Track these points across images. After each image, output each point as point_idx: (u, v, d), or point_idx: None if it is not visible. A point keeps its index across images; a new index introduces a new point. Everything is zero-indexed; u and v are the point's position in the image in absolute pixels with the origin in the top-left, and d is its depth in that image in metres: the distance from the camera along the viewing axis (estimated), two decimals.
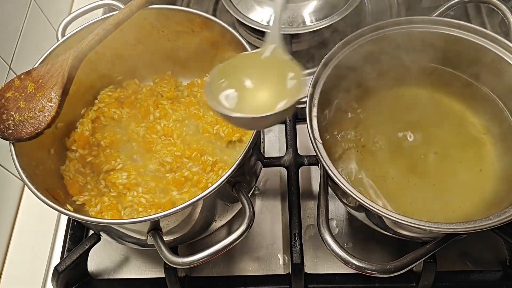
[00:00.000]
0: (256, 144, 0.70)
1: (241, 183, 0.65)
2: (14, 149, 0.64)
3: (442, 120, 0.76)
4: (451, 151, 0.73)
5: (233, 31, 0.72)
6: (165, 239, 0.62)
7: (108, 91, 0.82)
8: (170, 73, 0.84)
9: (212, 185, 0.60)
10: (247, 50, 0.70)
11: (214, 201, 0.67)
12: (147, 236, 0.62)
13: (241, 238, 0.59)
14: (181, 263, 0.59)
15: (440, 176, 0.71)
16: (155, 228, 0.62)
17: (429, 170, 0.72)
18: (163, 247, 0.60)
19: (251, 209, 0.61)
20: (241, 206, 0.64)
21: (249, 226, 0.60)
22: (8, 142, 0.65)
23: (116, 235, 0.68)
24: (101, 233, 0.71)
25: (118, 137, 0.78)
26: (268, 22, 0.94)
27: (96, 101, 0.81)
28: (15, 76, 0.68)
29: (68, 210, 0.63)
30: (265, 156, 0.78)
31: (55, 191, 0.70)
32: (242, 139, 0.76)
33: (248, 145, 0.62)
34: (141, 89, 0.83)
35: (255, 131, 0.64)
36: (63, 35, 0.77)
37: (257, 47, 0.98)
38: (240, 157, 0.61)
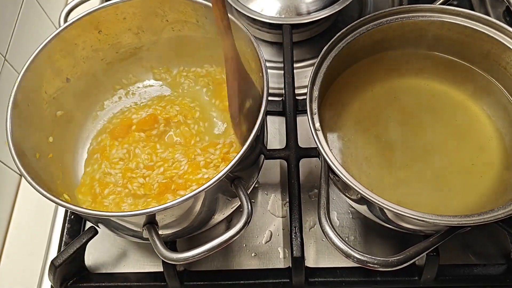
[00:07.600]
0: (259, 138, 0.68)
1: (240, 178, 0.64)
2: (11, 137, 0.63)
3: (444, 111, 0.75)
4: (454, 143, 0.72)
5: (236, 21, 0.69)
6: (163, 233, 0.61)
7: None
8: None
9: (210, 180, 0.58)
10: (251, 41, 0.68)
11: (213, 196, 0.66)
12: (143, 230, 0.61)
13: (238, 235, 0.58)
14: (176, 259, 0.57)
15: (442, 168, 0.70)
16: (150, 222, 0.61)
17: (431, 162, 0.71)
18: (158, 242, 0.59)
19: (249, 205, 0.60)
20: None
21: (246, 223, 0.59)
22: (5, 134, 0.64)
23: (114, 227, 0.67)
24: (99, 225, 0.70)
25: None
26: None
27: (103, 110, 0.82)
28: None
29: (65, 201, 0.61)
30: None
31: (52, 182, 0.70)
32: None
33: (250, 140, 0.60)
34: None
35: (258, 124, 0.62)
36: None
37: (257, 38, 0.98)
38: (240, 153, 0.60)
